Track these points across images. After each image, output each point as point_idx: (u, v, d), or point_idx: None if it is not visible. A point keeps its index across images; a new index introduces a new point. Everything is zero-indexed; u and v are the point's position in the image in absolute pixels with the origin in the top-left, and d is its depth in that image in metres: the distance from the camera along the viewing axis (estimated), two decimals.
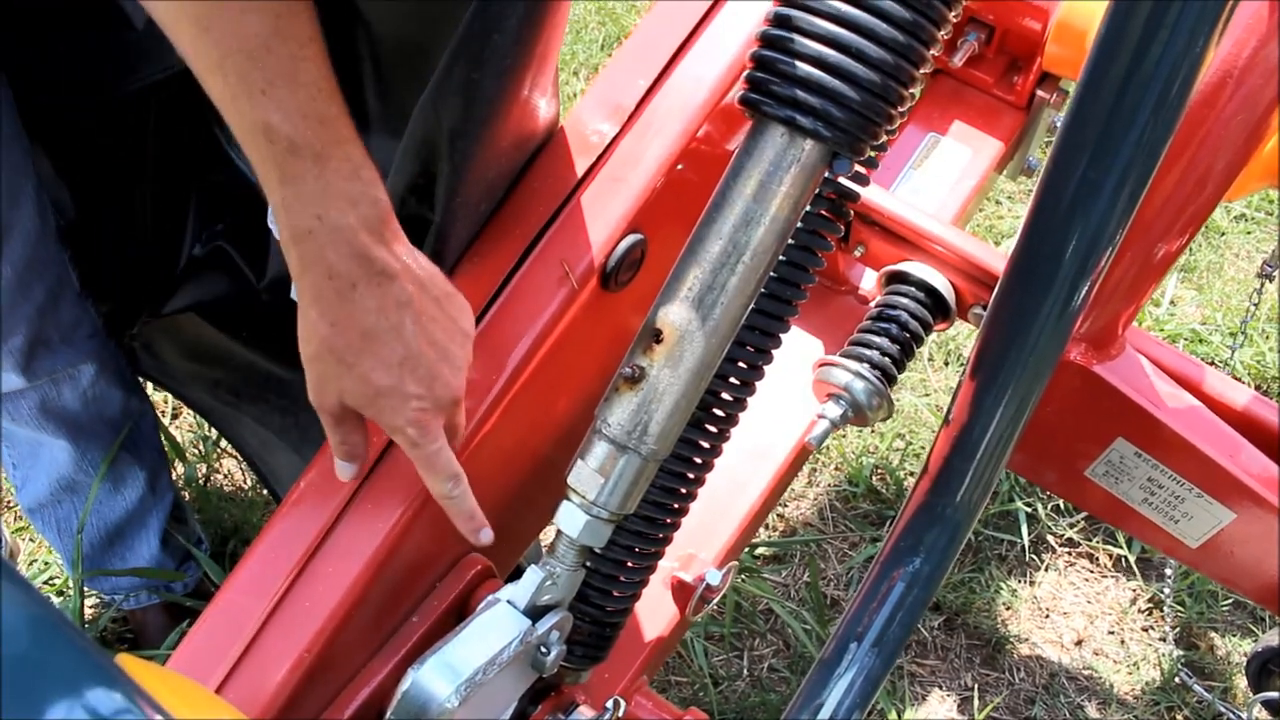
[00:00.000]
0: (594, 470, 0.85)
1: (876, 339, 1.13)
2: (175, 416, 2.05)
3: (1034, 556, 1.93)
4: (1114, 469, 1.06)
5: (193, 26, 0.70)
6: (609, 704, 1.01)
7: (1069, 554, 1.95)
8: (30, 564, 1.82)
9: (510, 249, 1.10)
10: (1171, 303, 2.35)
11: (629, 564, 0.95)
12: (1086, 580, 1.92)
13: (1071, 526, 1.96)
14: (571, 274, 1.09)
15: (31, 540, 1.84)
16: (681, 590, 1.12)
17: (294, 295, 1.40)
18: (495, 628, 0.85)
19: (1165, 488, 1.04)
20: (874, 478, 1.99)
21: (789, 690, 1.73)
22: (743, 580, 1.81)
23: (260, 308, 1.50)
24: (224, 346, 1.56)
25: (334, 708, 1.01)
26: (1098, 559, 1.94)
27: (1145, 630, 1.86)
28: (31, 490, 1.52)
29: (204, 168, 1.41)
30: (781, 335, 0.91)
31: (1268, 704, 0.97)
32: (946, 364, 2.19)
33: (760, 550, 1.88)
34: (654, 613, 1.13)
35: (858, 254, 1.21)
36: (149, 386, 2.08)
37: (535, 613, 0.87)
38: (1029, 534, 1.92)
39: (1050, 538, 1.96)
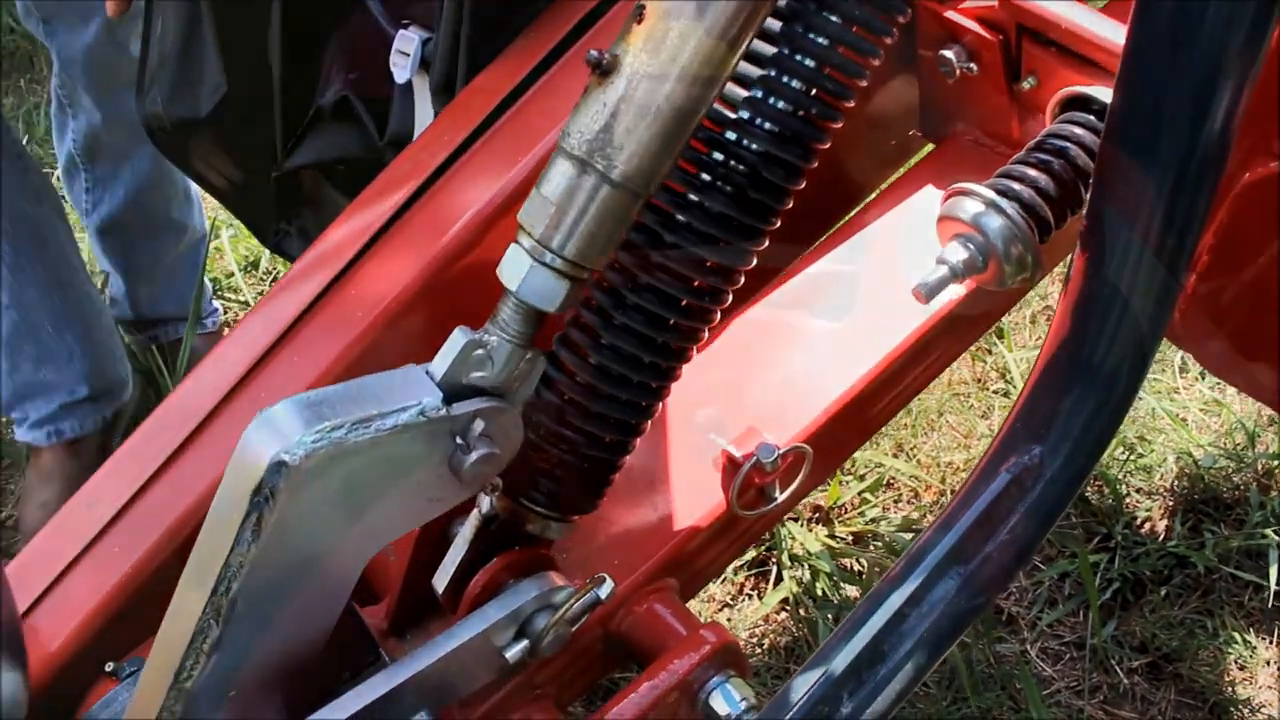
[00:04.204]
0: (547, 198, 0.63)
1: (1030, 171, 0.84)
2: None
3: None
4: None
5: None
6: (591, 579, 0.77)
7: None
8: None
9: (545, 42, 0.96)
10: None
11: (622, 374, 0.71)
12: None
13: None
14: None
15: None
16: (730, 470, 0.86)
17: None
18: (393, 389, 0.63)
19: None
20: (1088, 486, 1.63)
21: (926, 695, 1.41)
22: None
23: (380, 168, 1.41)
24: None
25: None
26: None
27: None
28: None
29: (339, 11, 1.33)
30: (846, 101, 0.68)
31: None
32: (1203, 375, 1.79)
33: None
34: (691, 495, 0.88)
35: (1027, 85, 0.93)
36: None
37: (458, 391, 0.66)
38: None
39: None
